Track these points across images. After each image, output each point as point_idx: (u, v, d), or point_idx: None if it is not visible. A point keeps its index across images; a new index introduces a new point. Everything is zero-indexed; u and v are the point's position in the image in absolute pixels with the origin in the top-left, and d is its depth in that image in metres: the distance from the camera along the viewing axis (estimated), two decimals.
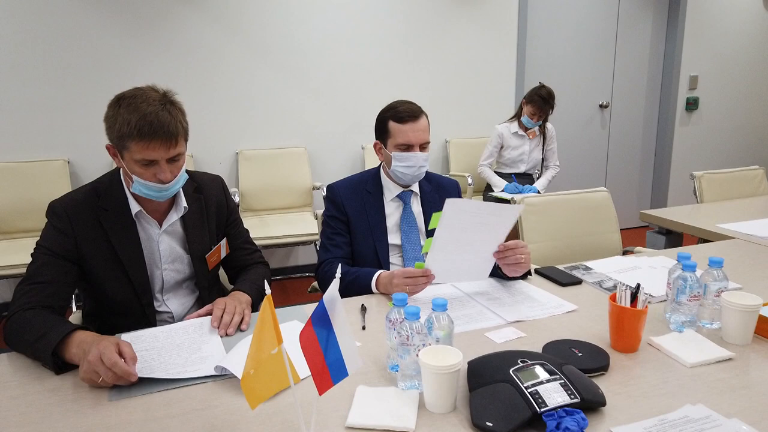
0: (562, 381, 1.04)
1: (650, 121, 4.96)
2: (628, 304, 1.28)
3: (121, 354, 1.14)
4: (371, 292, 1.64)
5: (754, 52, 5.06)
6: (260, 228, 3.39)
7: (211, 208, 1.62)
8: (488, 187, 3.89)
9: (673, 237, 2.44)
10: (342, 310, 0.94)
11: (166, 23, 3.44)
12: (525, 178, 3.85)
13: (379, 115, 1.82)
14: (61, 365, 1.21)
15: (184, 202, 1.54)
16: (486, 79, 4.26)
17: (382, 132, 1.80)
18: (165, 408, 1.09)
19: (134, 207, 1.47)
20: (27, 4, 3.16)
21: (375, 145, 1.84)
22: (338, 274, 0.96)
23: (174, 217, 1.53)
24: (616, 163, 4.94)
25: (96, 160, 3.41)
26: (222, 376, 1.19)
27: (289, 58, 3.73)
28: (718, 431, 0.97)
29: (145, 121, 1.32)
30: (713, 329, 1.37)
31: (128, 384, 1.15)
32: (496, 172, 3.86)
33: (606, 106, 4.77)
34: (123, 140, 1.35)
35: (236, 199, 3.54)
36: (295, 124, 3.84)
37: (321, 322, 0.92)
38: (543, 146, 3.84)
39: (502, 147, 3.83)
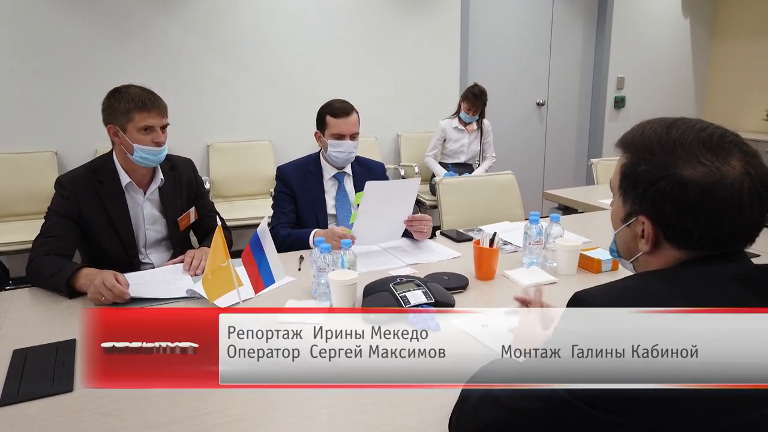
0: (424, 290, 1.53)
1: (583, 117, 5.53)
2: (486, 246, 1.78)
3: (117, 280, 1.60)
4: (309, 247, 2.11)
5: (674, 55, 5.66)
6: (229, 212, 3.83)
7: (183, 183, 2.07)
8: (433, 175, 4.40)
9: (570, 211, 2.96)
10: (270, 239, 1.42)
11: (146, 28, 3.84)
12: (465, 168, 4.36)
13: (319, 110, 2.28)
14: (72, 292, 1.65)
15: (161, 175, 1.98)
16: (433, 80, 4.76)
17: (321, 123, 2.27)
18: None
19: (124, 180, 1.91)
20: (19, 10, 3.54)
21: (315, 134, 2.30)
22: (268, 221, 1.43)
23: (154, 186, 1.98)
24: (552, 155, 5.49)
25: (80, 152, 3.78)
26: (191, 297, 1.65)
27: (256, 61, 4.17)
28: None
29: (146, 95, 1.84)
30: (554, 267, 1.88)
31: (123, 302, 1.60)
32: (440, 163, 4.37)
33: (543, 104, 5.30)
34: (129, 113, 1.80)
35: (207, 185, 3.97)
36: (260, 120, 4.29)
37: (256, 246, 1.40)
38: (480, 139, 4.36)
39: (445, 140, 4.34)
